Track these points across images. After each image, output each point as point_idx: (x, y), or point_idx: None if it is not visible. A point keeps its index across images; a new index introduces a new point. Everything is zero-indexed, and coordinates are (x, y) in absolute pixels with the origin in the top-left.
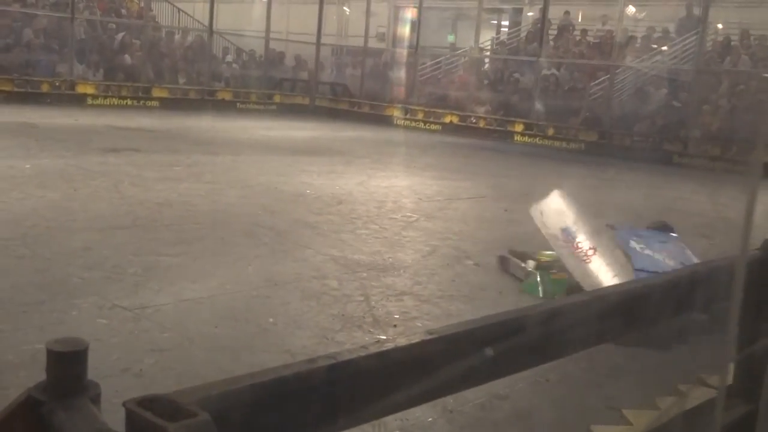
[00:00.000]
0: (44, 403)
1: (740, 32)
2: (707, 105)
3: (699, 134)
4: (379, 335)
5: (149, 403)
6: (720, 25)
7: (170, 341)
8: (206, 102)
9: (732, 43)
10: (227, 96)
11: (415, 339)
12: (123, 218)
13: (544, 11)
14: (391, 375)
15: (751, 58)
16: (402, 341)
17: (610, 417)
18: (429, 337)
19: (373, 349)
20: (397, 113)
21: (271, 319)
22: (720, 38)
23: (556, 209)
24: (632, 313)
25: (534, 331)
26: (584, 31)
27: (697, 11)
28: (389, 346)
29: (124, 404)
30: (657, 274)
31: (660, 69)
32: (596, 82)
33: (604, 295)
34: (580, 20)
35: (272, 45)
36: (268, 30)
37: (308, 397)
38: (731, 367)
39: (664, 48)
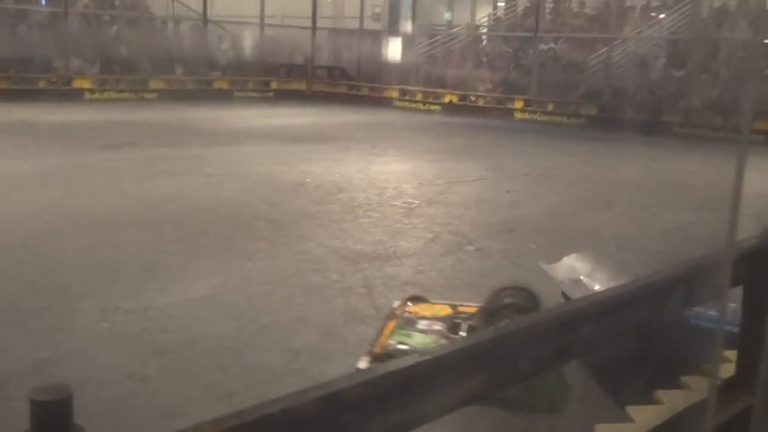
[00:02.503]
0: None
1: None
2: (706, 74)
3: (699, 104)
4: None
5: None
6: None
7: (173, 343)
8: (204, 92)
9: (730, 9)
10: (224, 85)
11: (408, 363)
12: (123, 216)
13: None
14: (386, 401)
15: (750, 24)
16: (393, 365)
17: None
18: (422, 359)
19: (364, 377)
20: (395, 95)
21: (273, 317)
22: (717, 5)
23: (567, 266)
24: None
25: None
26: (582, 3)
27: None
28: (381, 371)
29: None
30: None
31: (658, 39)
32: (595, 54)
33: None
34: None
35: (267, 30)
36: (262, 15)
37: None
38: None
39: (662, 16)
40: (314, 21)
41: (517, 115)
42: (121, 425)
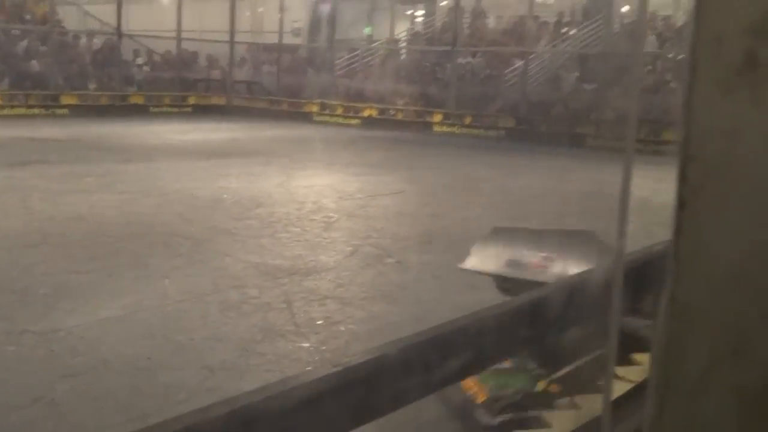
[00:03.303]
0: None
1: (648, 14)
2: (616, 87)
3: (611, 116)
4: (302, 344)
5: None
6: (626, 7)
7: (84, 365)
8: (118, 107)
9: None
10: (139, 100)
11: (319, 374)
12: (32, 236)
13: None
14: (296, 416)
15: (657, 38)
16: (305, 377)
17: None
18: (333, 370)
19: (274, 389)
20: (315, 109)
21: (188, 335)
22: (627, 21)
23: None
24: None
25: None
26: (498, 18)
27: None
28: (291, 383)
29: None
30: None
31: (571, 53)
32: (511, 68)
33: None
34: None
35: (185, 45)
36: (179, 30)
37: None
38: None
39: (573, 32)
40: (232, 35)
41: (436, 128)
42: None
